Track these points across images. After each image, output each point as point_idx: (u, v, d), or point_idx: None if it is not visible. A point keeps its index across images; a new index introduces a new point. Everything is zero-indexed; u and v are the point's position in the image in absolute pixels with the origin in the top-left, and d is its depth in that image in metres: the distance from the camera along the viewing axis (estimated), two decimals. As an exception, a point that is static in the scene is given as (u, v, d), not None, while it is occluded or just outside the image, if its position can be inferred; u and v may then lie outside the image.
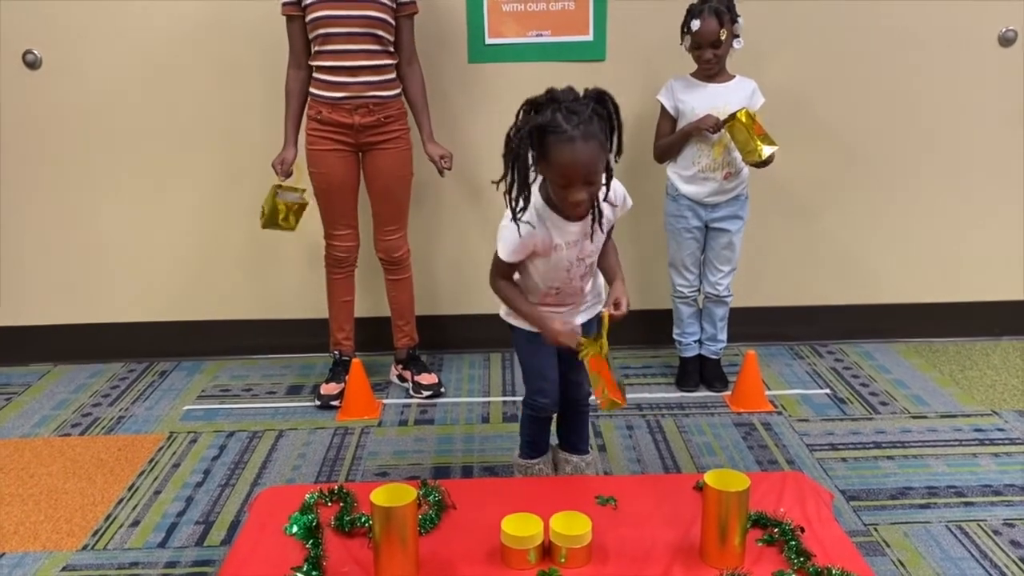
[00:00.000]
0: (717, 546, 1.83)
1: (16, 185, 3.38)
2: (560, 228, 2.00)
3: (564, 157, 1.84)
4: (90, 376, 3.43)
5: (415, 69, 2.99)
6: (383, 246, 3.09)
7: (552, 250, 2.02)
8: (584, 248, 2.06)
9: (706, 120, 2.85)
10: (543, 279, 2.09)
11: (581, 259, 2.07)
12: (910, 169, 3.43)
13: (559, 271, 2.06)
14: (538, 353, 2.21)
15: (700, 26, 2.81)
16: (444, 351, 3.57)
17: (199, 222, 3.44)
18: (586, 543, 1.83)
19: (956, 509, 2.39)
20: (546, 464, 2.44)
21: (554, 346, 2.13)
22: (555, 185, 1.92)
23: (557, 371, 2.26)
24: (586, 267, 2.10)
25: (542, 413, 2.32)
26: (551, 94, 1.87)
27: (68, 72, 3.27)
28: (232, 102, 3.30)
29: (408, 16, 2.92)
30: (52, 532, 2.37)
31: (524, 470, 2.43)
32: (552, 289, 2.11)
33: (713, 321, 3.16)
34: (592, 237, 2.05)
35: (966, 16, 3.27)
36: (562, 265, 2.05)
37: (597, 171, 1.89)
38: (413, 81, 2.99)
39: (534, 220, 1.98)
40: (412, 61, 2.98)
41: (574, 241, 2.03)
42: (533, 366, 2.25)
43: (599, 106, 1.87)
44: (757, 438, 2.82)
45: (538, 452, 2.42)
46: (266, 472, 2.68)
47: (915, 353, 3.49)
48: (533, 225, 1.98)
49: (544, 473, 2.41)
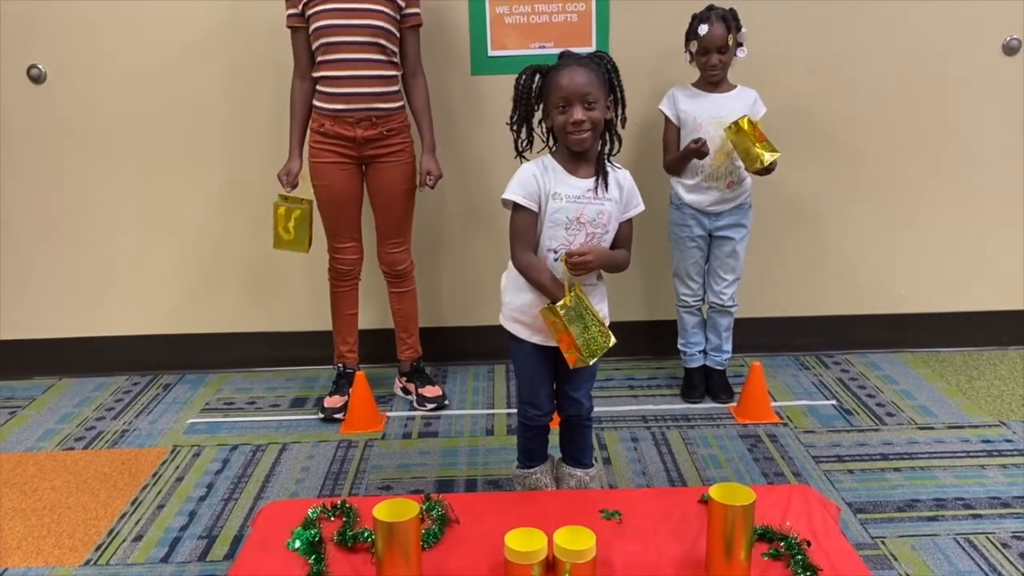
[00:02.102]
0: (722, 560, 1.82)
1: (20, 198, 3.39)
2: (563, 180, 2.12)
3: (562, 79, 2.05)
4: (94, 389, 3.43)
5: (420, 81, 2.99)
6: (387, 259, 3.09)
7: (552, 198, 2.11)
8: (586, 211, 2.11)
9: (688, 151, 2.86)
10: (543, 235, 2.13)
11: (581, 222, 2.11)
12: (916, 178, 3.42)
13: (558, 228, 2.11)
14: (533, 365, 2.25)
15: (708, 31, 2.82)
16: (448, 363, 3.57)
17: (203, 235, 3.44)
18: (590, 558, 1.81)
19: (964, 521, 2.37)
20: (544, 473, 2.41)
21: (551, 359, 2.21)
22: (556, 112, 2.08)
23: (552, 383, 2.30)
24: (587, 236, 2.12)
25: (534, 423, 2.33)
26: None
27: (72, 86, 3.28)
28: (236, 115, 3.31)
29: (413, 27, 2.92)
30: (55, 547, 2.37)
31: (522, 480, 2.41)
32: (551, 252, 2.13)
33: (718, 331, 3.14)
34: (596, 192, 2.12)
35: (970, 25, 3.27)
36: (560, 221, 2.11)
37: (595, 98, 2.05)
38: (417, 92, 2.99)
39: (540, 168, 2.13)
40: (417, 72, 2.98)
41: (575, 196, 2.11)
42: (526, 377, 2.29)
43: (596, 59, 2.11)
44: (763, 450, 2.80)
45: (535, 461, 2.41)
46: (269, 486, 2.67)
47: (922, 363, 3.47)
48: (538, 171, 2.12)
49: (542, 483, 2.39)
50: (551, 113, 2.10)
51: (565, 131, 2.08)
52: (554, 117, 2.09)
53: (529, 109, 2.14)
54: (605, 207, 2.13)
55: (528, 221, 2.13)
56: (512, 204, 2.13)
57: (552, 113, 2.10)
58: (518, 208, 2.13)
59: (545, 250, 2.14)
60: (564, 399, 2.32)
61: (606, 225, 2.14)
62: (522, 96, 2.12)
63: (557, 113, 2.07)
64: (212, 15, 3.21)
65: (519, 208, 2.12)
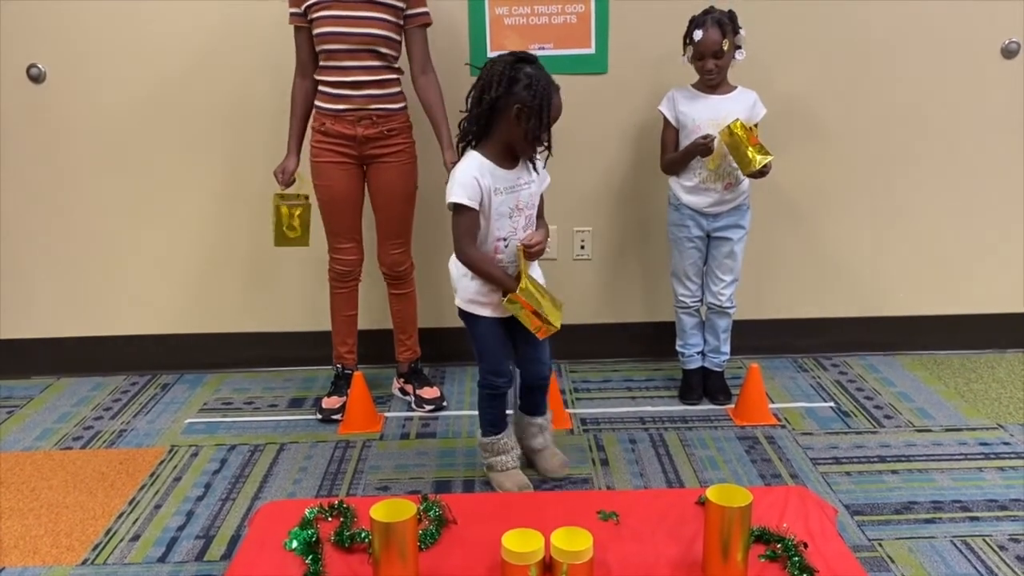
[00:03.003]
0: (719, 562, 1.82)
1: (19, 198, 3.39)
2: (499, 176, 2.34)
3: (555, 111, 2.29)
4: (92, 389, 3.43)
5: (430, 79, 2.95)
6: (387, 260, 3.09)
7: (494, 193, 2.33)
8: (520, 197, 2.38)
9: (695, 144, 2.86)
10: (491, 228, 2.36)
11: (520, 208, 2.38)
12: (914, 181, 3.43)
13: (503, 218, 2.36)
14: (496, 337, 2.49)
15: (702, 36, 2.82)
16: (446, 365, 3.57)
17: (202, 235, 3.44)
18: (587, 559, 1.81)
19: (961, 524, 2.37)
20: (508, 436, 2.59)
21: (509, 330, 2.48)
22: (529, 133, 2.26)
23: (511, 352, 2.55)
24: (525, 219, 2.40)
25: (498, 391, 2.53)
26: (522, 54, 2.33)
27: (72, 86, 3.28)
28: (236, 114, 3.31)
29: (420, 27, 2.91)
30: (52, 547, 2.37)
31: (490, 446, 2.58)
32: (500, 241, 2.38)
33: (716, 333, 3.14)
34: (524, 180, 2.38)
35: (969, 27, 3.27)
36: (504, 212, 2.35)
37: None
38: (429, 90, 2.94)
39: (477, 171, 2.32)
40: (427, 70, 2.95)
41: (510, 186, 2.35)
42: (489, 348, 2.50)
43: None
44: (760, 452, 2.81)
45: (499, 429, 2.58)
46: (267, 486, 2.67)
47: (920, 366, 3.47)
48: (477, 171, 2.32)
49: (508, 447, 2.58)
50: (518, 126, 2.27)
51: (528, 148, 2.33)
52: (520, 133, 2.28)
53: (489, 114, 2.30)
54: (532, 188, 2.41)
55: (473, 219, 2.34)
56: (455, 206, 2.33)
57: (520, 128, 2.27)
58: (462, 209, 2.32)
59: (494, 240, 2.38)
60: (532, 364, 2.56)
61: (534, 204, 2.44)
62: (498, 97, 2.26)
63: (529, 134, 2.27)
64: (213, 14, 3.21)
65: (464, 209, 2.32)
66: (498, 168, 2.34)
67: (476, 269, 2.39)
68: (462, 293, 2.46)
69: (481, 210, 2.34)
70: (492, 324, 2.47)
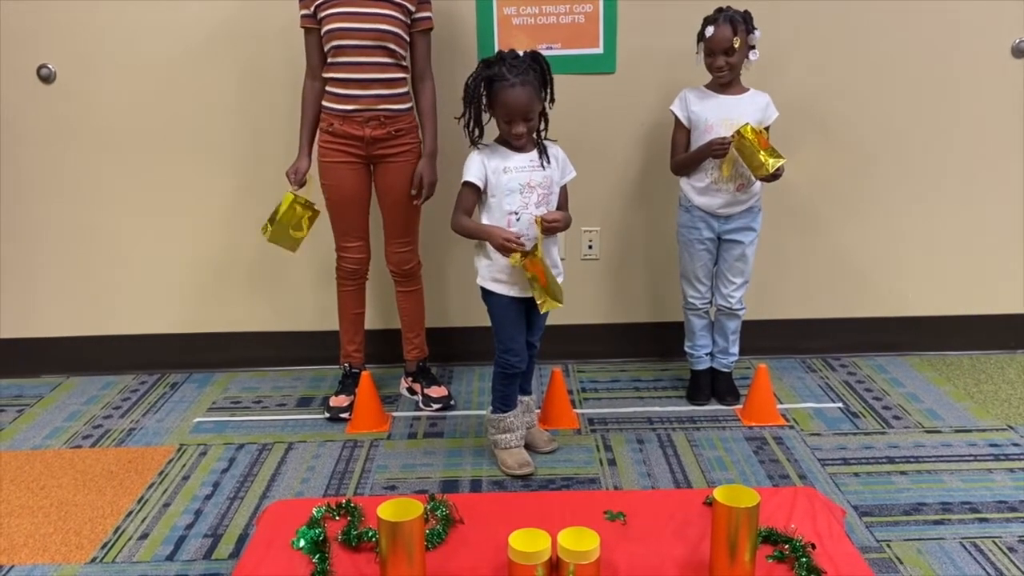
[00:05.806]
0: (727, 562, 1.81)
1: (29, 197, 3.40)
2: (509, 157, 2.54)
3: (508, 99, 2.44)
4: (102, 388, 3.45)
5: (428, 85, 2.98)
6: (394, 259, 3.09)
7: (503, 172, 2.52)
8: (533, 176, 2.54)
9: (712, 146, 2.86)
10: (502, 202, 2.53)
11: (531, 186, 2.53)
12: (924, 181, 3.41)
13: (513, 193, 2.52)
14: (513, 314, 2.63)
15: (714, 32, 2.81)
16: (454, 364, 3.57)
17: (211, 234, 3.45)
18: (594, 559, 1.81)
19: (971, 525, 2.36)
20: (516, 416, 2.72)
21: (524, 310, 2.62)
22: (501, 122, 2.50)
23: (526, 334, 2.68)
24: (538, 196, 2.54)
25: (512, 370, 2.66)
26: (499, 54, 2.50)
27: (81, 86, 3.29)
28: (247, 114, 3.31)
29: (423, 32, 2.93)
30: (61, 544, 2.38)
31: (497, 423, 2.71)
32: (512, 215, 2.53)
33: (725, 334, 3.14)
34: (542, 164, 2.55)
35: (979, 28, 3.25)
36: (514, 187, 2.52)
37: (533, 110, 2.47)
38: (424, 96, 2.98)
39: (485, 153, 2.55)
40: (425, 77, 2.97)
41: (522, 166, 2.53)
42: (507, 329, 2.64)
43: (534, 63, 2.47)
44: (769, 452, 2.80)
45: (510, 406, 2.71)
46: (275, 485, 2.68)
47: (929, 366, 3.46)
48: (486, 154, 2.54)
49: (515, 426, 2.71)
50: (496, 116, 2.50)
51: (509, 136, 2.51)
52: (499, 123, 2.51)
53: (479, 111, 2.52)
54: (547, 173, 2.56)
55: (469, 195, 2.57)
56: (464, 183, 2.55)
57: (498, 120, 2.50)
58: (465, 185, 2.55)
59: (506, 214, 2.53)
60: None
61: (551, 188, 2.57)
62: (473, 101, 2.50)
63: (502, 122, 2.49)
64: (223, 15, 3.22)
65: (468, 185, 2.54)
66: (509, 151, 2.55)
67: (464, 231, 2.60)
68: (485, 272, 2.62)
69: (489, 187, 2.54)
70: (510, 303, 2.61)
